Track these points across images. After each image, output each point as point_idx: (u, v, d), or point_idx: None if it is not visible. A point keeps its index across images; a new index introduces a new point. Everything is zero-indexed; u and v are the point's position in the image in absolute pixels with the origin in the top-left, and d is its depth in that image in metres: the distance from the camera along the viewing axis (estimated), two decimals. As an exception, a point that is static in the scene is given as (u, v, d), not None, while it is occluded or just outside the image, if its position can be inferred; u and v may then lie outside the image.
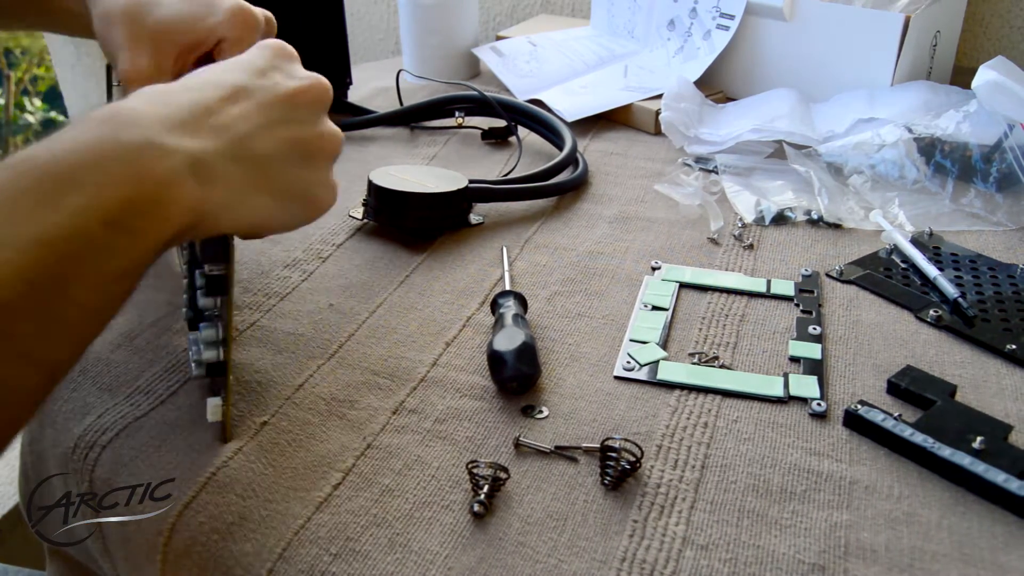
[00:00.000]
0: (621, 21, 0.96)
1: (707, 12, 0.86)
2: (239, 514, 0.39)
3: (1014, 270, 0.56)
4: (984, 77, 0.65)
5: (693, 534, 0.38)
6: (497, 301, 0.52)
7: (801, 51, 0.81)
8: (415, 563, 0.36)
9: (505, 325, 0.48)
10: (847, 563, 0.36)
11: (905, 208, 0.65)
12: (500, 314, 0.50)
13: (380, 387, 0.47)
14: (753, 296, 0.55)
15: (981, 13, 0.94)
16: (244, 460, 0.42)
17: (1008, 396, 0.46)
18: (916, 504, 0.39)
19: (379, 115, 0.81)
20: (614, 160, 0.75)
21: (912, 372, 0.46)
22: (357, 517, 0.39)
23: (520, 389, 0.46)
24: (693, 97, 0.80)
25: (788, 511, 0.39)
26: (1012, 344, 0.49)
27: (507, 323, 0.48)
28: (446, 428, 0.44)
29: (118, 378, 0.48)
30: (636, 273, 0.58)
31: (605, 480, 0.40)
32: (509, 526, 0.38)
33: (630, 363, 0.48)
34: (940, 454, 0.40)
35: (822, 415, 0.44)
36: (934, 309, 0.52)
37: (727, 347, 0.50)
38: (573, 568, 0.36)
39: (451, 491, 0.40)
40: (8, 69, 2.21)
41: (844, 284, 0.56)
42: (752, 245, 0.61)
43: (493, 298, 0.52)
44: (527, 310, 0.52)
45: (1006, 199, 0.65)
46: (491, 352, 0.46)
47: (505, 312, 0.50)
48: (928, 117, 0.69)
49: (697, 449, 0.42)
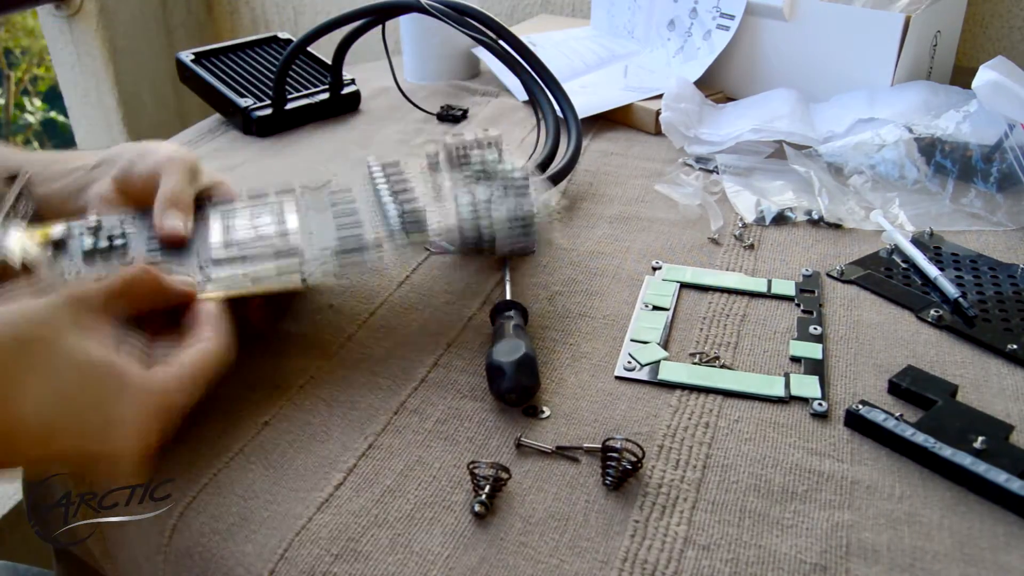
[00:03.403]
0: (621, 21, 0.96)
1: (707, 12, 0.86)
2: (240, 515, 0.39)
3: (1015, 270, 0.56)
4: (984, 77, 0.65)
5: (695, 534, 0.38)
6: (497, 311, 0.51)
7: (801, 51, 0.82)
8: (416, 563, 0.36)
9: (505, 335, 0.47)
10: (848, 563, 0.36)
11: (905, 208, 0.65)
12: (500, 324, 0.49)
13: (381, 387, 0.47)
14: (754, 296, 0.55)
15: (981, 13, 0.94)
16: (245, 460, 0.42)
17: (1009, 396, 0.46)
18: (917, 504, 0.39)
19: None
20: (614, 160, 0.75)
21: (913, 372, 0.46)
22: (358, 517, 0.39)
23: (519, 401, 0.45)
24: (693, 97, 0.80)
25: (790, 511, 0.39)
26: (1013, 344, 0.49)
27: (507, 333, 0.47)
28: (447, 428, 0.44)
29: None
30: (637, 273, 0.58)
31: (606, 480, 0.40)
32: (510, 526, 0.38)
33: (631, 363, 0.48)
34: (941, 454, 0.40)
35: (823, 415, 0.44)
36: (935, 309, 0.52)
37: (728, 347, 0.50)
38: (575, 568, 0.36)
39: (452, 491, 0.40)
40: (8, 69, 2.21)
41: (845, 284, 0.56)
42: (753, 245, 0.61)
43: (492, 308, 0.51)
44: (527, 321, 0.51)
45: (1006, 199, 0.65)
46: (490, 363, 0.45)
47: (505, 322, 0.49)
48: (928, 117, 0.69)
49: (698, 449, 0.42)
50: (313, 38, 0.77)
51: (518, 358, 0.44)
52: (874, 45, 0.76)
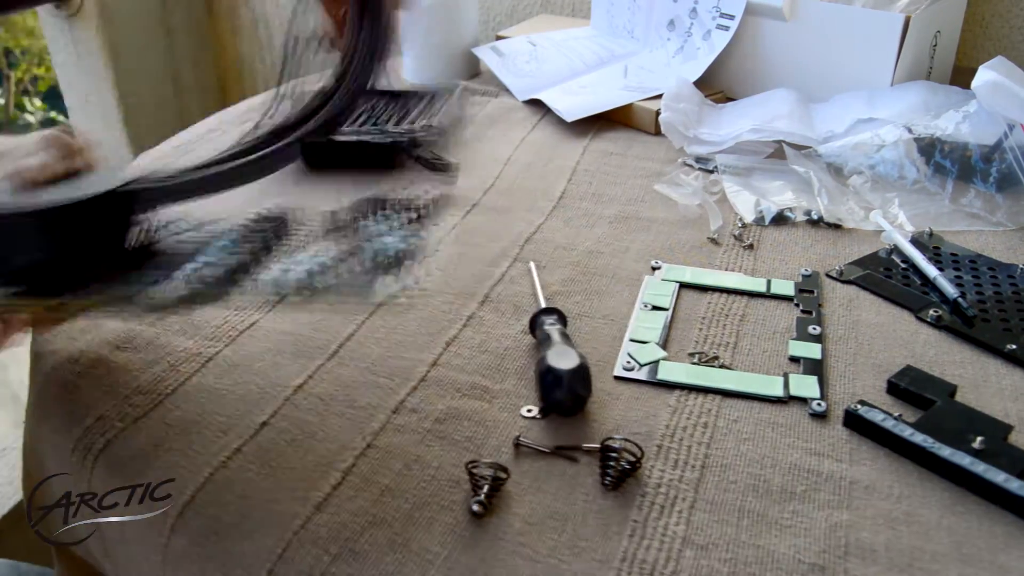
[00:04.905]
0: (621, 21, 0.96)
1: (707, 12, 0.86)
2: (239, 514, 0.39)
3: (1014, 270, 0.56)
4: (984, 77, 0.65)
5: (693, 534, 0.38)
6: (538, 319, 0.50)
7: (801, 51, 0.81)
8: (415, 563, 0.36)
9: (555, 342, 0.46)
10: (847, 563, 0.36)
11: (905, 208, 0.65)
12: (546, 332, 0.48)
13: (380, 387, 0.47)
14: (753, 296, 0.55)
15: (981, 13, 0.94)
16: (243, 460, 0.42)
17: (1008, 396, 0.46)
18: (916, 504, 0.39)
19: None
20: (614, 160, 0.75)
21: (912, 372, 0.46)
22: (357, 517, 0.39)
23: (571, 411, 0.44)
24: (693, 97, 0.80)
25: (788, 511, 0.39)
26: (1012, 344, 0.49)
27: (556, 339, 0.46)
28: (446, 428, 0.44)
29: (118, 378, 0.48)
30: (636, 273, 0.58)
31: (605, 480, 0.40)
32: (509, 526, 0.38)
33: (630, 363, 0.48)
34: (940, 454, 0.40)
35: (822, 415, 0.44)
36: (934, 309, 0.52)
37: (727, 347, 0.50)
38: (573, 568, 0.36)
39: (451, 491, 0.40)
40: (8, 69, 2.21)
41: (844, 284, 0.56)
42: (752, 245, 0.61)
43: (532, 316, 0.50)
44: (566, 327, 0.50)
45: (1006, 199, 0.65)
46: (545, 369, 0.44)
47: (551, 330, 0.47)
48: (928, 117, 0.69)
49: (697, 449, 0.42)
50: None
51: (575, 367, 0.44)
52: (874, 45, 0.76)
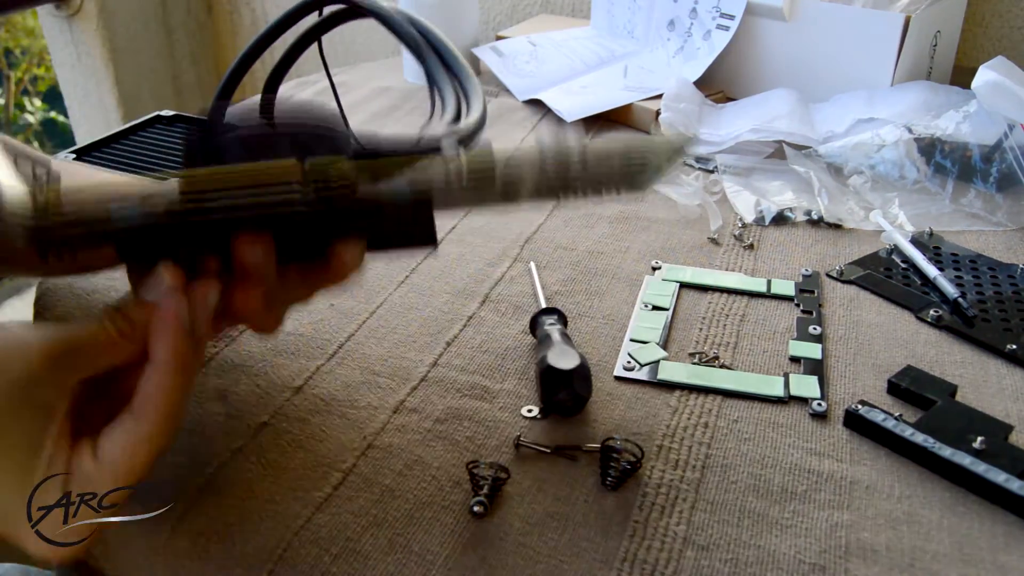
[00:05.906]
0: (621, 21, 0.96)
1: (707, 12, 0.86)
2: (239, 515, 0.39)
3: (1014, 270, 0.56)
4: (984, 77, 0.65)
5: (694, 534, 0.38)
6: (539, 319, 0.50)
7: (801, 51, 0.81)
8: (416, 564, 0.36)
9: (555, 342, 0.46)
10: (848, 563, 0.36)
11: (905, 208, 0.65)
12: (546, 332, 0.48)
13: (380, 387, 0.47)
14: (753, 296, 0.55)
15: (981, 13, 0.94)
16: (244, 460, 0.42)
17: (1008, 396, 0.46)
18: (916, 504, 0.39)
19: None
20: (614, 160, 0.75)
21: (912, 372, 0.46)
22: (357, 517, 0.39)
23: (572, 411, 0.44)
24: (693, 97, 0.80)
25: (789, 511, 0.39)
26: (1012, 344, 0.49)
27: (556, 339, 0.46)
28: (446, 428, 0.44)
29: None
30: (636, 273, 0.58)
31: (606, 480, 0.40)
32: (510, 526, 0.38)
33: (630, 363, 0.48)
34: (940, 454, 0.40)
35: (822, 415, 0.44)
36: (934, 309, 0.52)
37: (727, 347, 0.50)
38: (574, 568, 0.36)
39: (451, 491, 0.40)
40: (8, 69, 2.20)
41: (844, 284, 0.56)
42: (752, 245, 0.61)
43: (532, 316, 0.50)
44: (567, 327, 0.50)
45: (1006, 199, 0.65)
46: (545, 368, 0.44)
47: (551, 330, 0.48)
48: (928, 117, 0.69)
49: (698, 449, 0.42)
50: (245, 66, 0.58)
51: (576, 367, 0.44)
52: (874, 45, 0.76)
